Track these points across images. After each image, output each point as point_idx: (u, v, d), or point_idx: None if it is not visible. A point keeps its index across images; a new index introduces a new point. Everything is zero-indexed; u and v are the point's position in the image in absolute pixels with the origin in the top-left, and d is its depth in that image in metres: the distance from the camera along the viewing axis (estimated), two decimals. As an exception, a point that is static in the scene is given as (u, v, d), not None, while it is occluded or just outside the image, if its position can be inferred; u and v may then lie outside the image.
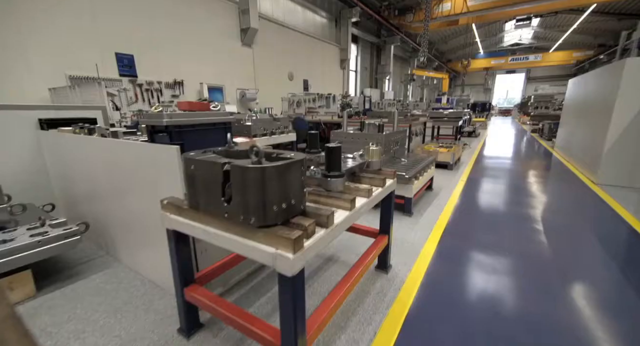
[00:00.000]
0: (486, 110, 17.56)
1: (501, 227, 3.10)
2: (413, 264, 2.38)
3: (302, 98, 8.10)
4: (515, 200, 3.98)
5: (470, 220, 3.31)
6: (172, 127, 1.68)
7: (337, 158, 1.56)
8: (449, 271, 2.28)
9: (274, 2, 8.91)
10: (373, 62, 17.08)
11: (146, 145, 1.69)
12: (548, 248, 2.62)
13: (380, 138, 3.56)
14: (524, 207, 3.69)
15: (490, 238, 2.84)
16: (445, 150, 5.97)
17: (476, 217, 3.39)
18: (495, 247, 2.64)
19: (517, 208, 3.66)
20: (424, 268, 2.31)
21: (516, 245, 2.69)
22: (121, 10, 5.28)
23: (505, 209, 3.63)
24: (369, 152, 2.04)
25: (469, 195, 4.18)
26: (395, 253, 2.53)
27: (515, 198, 4.06)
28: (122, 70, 5.39)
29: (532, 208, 3.63)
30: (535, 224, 3.15)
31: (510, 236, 2.88)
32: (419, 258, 2.46)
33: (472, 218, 3.37)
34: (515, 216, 3.39)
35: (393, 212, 2.17)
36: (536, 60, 25.72)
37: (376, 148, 2.05)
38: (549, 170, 5.82)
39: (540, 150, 8.25)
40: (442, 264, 2.38)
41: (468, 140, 10.13)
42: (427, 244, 2.72)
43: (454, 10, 12.88)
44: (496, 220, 3.30)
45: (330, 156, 1.54)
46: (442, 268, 2.32)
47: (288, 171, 1.10)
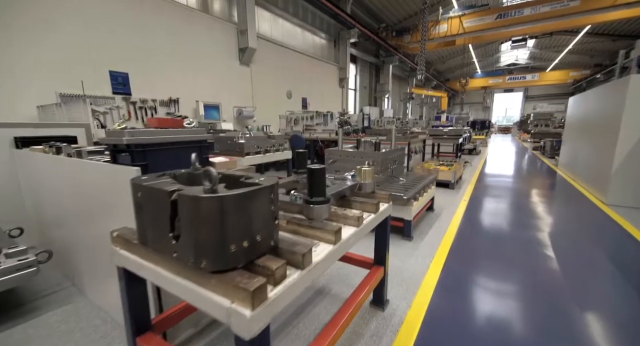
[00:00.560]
0: (486, 128, 17.54)
1: (509, 252, 2.84)
2: (413, 298, 2.11)
3: (299, 115, 8.04)
4: (523, 222, 3.72)
5: (475, 244, 3.05)
6: (134, 146, 1.50)
7: (321, 182, 1.36)
8: (454, 307, 2.01)
9: (273, 23, 9.07)
10: (372, 81, 17.30)
11: (106, 165, 1.50)
12: (562, 278, 2.35)
13: (377, 156, 3.37)
14: (533, 229, 3.44)
15: (498, 266, 2.58)
16: (446, 168, 5.78)
17: (481, 241, 3.13)
18: (505, 277, 2.38)
19: (525, 231, 3.40)
20: (426, 303, 2.04)
21: (527, 273, 2.42)
22: (116, 29, 5.29)
23: (512, 232, 3.37)
24: (361, 172, 1.85)
25: (473, 217, 3.93)
26: (394, 285, 2.27)
27: (522, 219, 3.80)
28: (115, 88, 5.33)
29: (540, 231, 3.37)
30: (545, 249, 2.89)
31: (520, 263, 2.61)
32: (419, 291, 2.20)
33: (477, 242, 3.11)
34: (523, 240, 3.13)
35: (389, 240, 1.93)
36: (533, 80, 26.09)
37: (368, 169, 1.85)
38: (555, 189, 5.58)
39: (543, 168, 8.04)
40: (446, 298, 2.11)
41: (469, 157, 9.97)
42: (429, 273, 2.45)
43: (450, 31, 13.14)
44: (503, 244, 3.04)
45: (313, 179, 1.34)
46: (446, 304, 2.05)
47: (252, 200, 0.89)
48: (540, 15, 11.33)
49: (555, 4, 10.93)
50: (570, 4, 10.67)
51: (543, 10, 11.22)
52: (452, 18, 13.04)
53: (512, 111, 34.47)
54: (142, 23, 5.71)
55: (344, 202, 1.74)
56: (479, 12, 12.62)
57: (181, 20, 6.41)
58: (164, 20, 6.09)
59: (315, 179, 1.34)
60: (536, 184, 5.95)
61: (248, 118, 8.05)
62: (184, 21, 6.46)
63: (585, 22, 12.55)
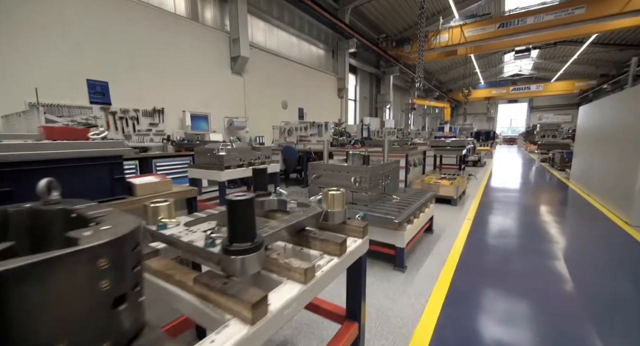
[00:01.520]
0: (490, 139, 17.06)
1: (523, 288, 2.34)
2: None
3: (293, 126, 7.69)
4: (536, 247, 3.22)
5: (481, 278, 2.56)
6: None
7: (248, 220, 0.92)
8: (453, 375, 1.53)
9: (267, 32, 8.87)
10: (372, 91, 17.05)
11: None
12: (592, 327, 1.85)
13: (365, 171, 2.94)
14: (549, 257, 2.93)
15: (511, 308, 2.08)
16: (447, 182, 5.31)
17: (488, 273, 2.63)
18: (520, 323, 1.88)
19: (540, 259, 2.90)
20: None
21: (546, 318, 1.92)
22: (97, 36, 5.03)
23: (525, 260, 2.87)
24: (327, 198, 1.41)
25: (478, 240, 3.44)
26: (377, 336, 1.79)
27: (536, 244, 3.30)
28: (93, 97, 5.02)
29: (557, 260, 2.87)
30: (566, 284, 2.39)
31: (537, 303, 2.12)
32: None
33: (483, 275, 2.62)
34: (539, 271, 2.63)
35: (364, 287, 1.47)
36: (538, 90, 25.71)
37: (337, 193, 1.41)
38: (569, 207, 5.07)
39: (553, 181, 7.52)
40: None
41: (473, 170, 9.48)
42: (424, 319, 1.97)
43: (451, 41, 12.89)
44: (515, 277, 2.54)
45: (234, 217, 0.90)
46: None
47: (61, 276, 0.46)
48: (544, 24, 11.03)
49: (560, 12, 10.63)
50: (575, 12, 10.36)
51: (547, 18, 10.92)
52: (453, 28, 12.81)
53: (517, 122, 33.95)
54: (126, 30, 5.46)
55: (301, 238, 1.30)
56: (481, 21, 12.38)
57: (169, 28, 6.18)
58: (151, 28, 5.85)
59: (237, 217, 0.90)
60: (548, 200, 5.44)
61: (240, 129, 7.72)
62: (172, 29, 6.22)
63: (591, 30, 12.22)
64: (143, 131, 5.76)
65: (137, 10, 5.61)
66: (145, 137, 5.79)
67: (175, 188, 1.68)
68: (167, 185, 1.59)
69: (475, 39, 12.56)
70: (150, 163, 5.28)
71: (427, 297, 2.23)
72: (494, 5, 13.94)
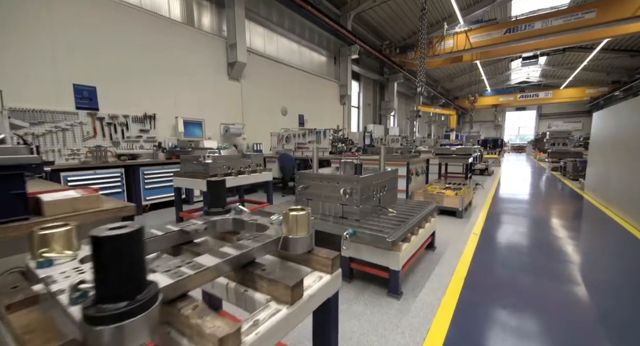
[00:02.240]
0: (498, 147, 16.58)
1: (537, 321, 1.97)
2: None
3: (291, 133, 7.43)
4: (553, 269, 2.83)
5: (489, 307, 2.19)
6: None
7: (126, 267, 0.61)
8: None
9: (267, 38, 8.72)
10: (376, 98, 16.80)
11: None
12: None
13: (356, 182, 2.62)
14: (568, 282, 2.54)
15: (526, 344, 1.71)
16: (452, 192, 4.94)
17: (498, 301, 2.26)
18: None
19: (558, 284, 2.51)
20: None
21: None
22: (86, 39, 4.88)
23: (540, 287, 2.49)
24: (288, 220, 1.09)
25: (485, 260, 3.06)
26: (360, 391, 1.44)
27: (552, 265, 2.91)
28: (79, 102, 4.84)
29: (577, 285, 2.48)
30: (590, 317, 2.00)
31: (557, 340, 1.74)
32: (399, 408, 1.36)
33: (491, 302, 2.25)
34: (557, 298, 2.25)
35: (336, 339, 1.14)
36: (547, 97, 25.16)
37: (301, 214, 1.09)
38: (587, 220, 4.64)
39: (566, 191, 7.06)
40: None
41: (480, 178, 9.05)
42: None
43: (456, 47, 12.62)
44: (531, 305, 2.17)
45: (104, 262, 0.59)
46: None
47: None
48: (552, 29, 10.69)
49: (569, 16, 10.30)
50: (585, 16, 10.02)
51: (556, 23, 10.59)
52: (457, 33, 12.56)
53: (525, 129, 33.28)
54: (117, 35, 5.32)
55: (246, 275, 0.98)
56: (487, 26, 12.11)
57: (163, 33, 6.03)
58: (143, 32, 5.71)
59: (108, 263, 0.59)
60: (562, 213, 5.01)
61: (236, 136, 7.49)
62: (166, 34, 6.08)
63: (602, 35, 11.82)
64: (133, 138, 5.55)
65: (129, 14, 5.48)
66: (134, 143, 5.58)
67: (107, 204, 1.38)
68: (93, 202, 1.29)
69: (481, 45, 12.27)
70: (137, 171, 5.05)
71: (424, 333, 1.87)
72: (500, 11, 13.69)
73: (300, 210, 1.13)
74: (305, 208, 1.15)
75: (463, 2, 12.63)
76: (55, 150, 4.61)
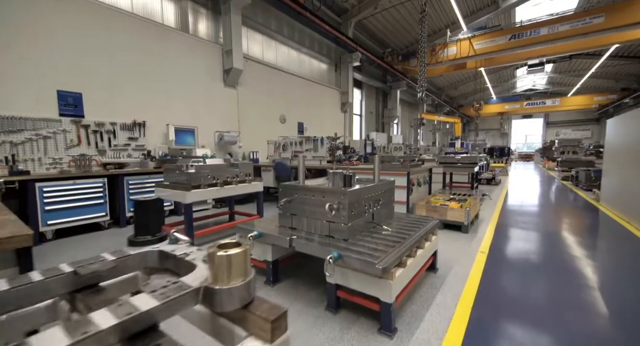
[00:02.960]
0: (505, 155, 16.11)
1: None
2: None
3: (288, 141, 7.17)
4: (575, 295, 2.44)
5: (504, 343, 1.82)
6: None
7: None
8: None
9: (265, 45, 8.58)
10: (379, 106, 16.57)
11: None
12: None
13: (344, 196, 2.29)
14: (593, 314, 2.15)
15: None
16: (457, 205, 4.57)
17: (513, 338, 1.88)
18: None
19: (582, 316, 2.12)
20: None
21: None
22: (72, 45, 4.72)
23: (560, 319, 2.11)
24: (213, 261, 0.77)
25: (496, 284, 2.68)
26: None
27: (574, 292, 2.52)
28: (63, 109, 4.64)
29: (602, 318, 2.08)
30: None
31: None
32: None
33: (505, 340, 1.87)
34: (581, 332, 1.87)
35: None
36: (554, 105, 24.67)
37: (235, 253, 0.78)
38: (605, 236, 4.22)
39: (580, 203, 6.61)
40: None
41: (487, 188, 8.63)
42: None
43: (460, 54, 12.38)
44: (550, 341, 1.79)
45: None
46: None
47: None
48: (559, 35, 10.40)
49: (576, 21, 10.01)
50: (593, 21, 9.71)
51: (562, 29, 10.30)
52: (461, 40, 12.34)
53: (532, 137, 32.66)
54: (107, 40, 5.17)
55: (145, 341, 0.66)
56: (491, 33, 11.87)
57: (156, 39, 5.88)
58: (135, 38, 5.56)
59: None
60: (578, 227, 4.59)
61: (231, 144, 7.25)
62: (158, 40, 5.93)
63: (611, 41, 11.46)
64: (120, 146, 5.33)
65: (119, 19, 5.34)
66: (122, 152, 5.35)
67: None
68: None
69: (485, 52, 12.02)
70: (122, 181, 4.79)
71: (420, 387, 1.51)
72: (504, 18, 13.47)
73: (235, 246, 0.81)
74: (243, 242, 0.83)
75: (466, 9, 12.45)
76: (36, 159, 4.38)
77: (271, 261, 2.60)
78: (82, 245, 3.95)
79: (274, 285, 2.64)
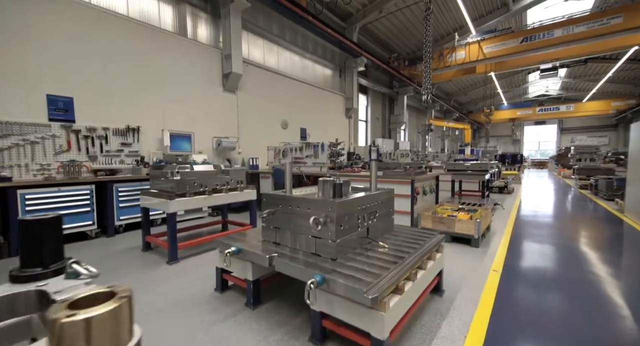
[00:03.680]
0: (517, 162, 15.49)
1: None
2: None
3: (288, 147, 6.91)
4: (605, 327, 2.04)
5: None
6: None
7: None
8: None
9: (266, 50, 8.42)
10: (385, 112, 16.24)
11: None
12: None
13: (331, 207, 1.98)
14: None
15: None
16: (466, 216, 4.19)
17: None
18: None
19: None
20: None
21: None
22: (63, 48, 4.61)
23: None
24: (57, 333, 0.48)
25: (513, 312, 2.30)
26: None
27: (604, 320, 2.12)
28: (53, 114, 4.50)
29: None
30: None
31: None
32: None
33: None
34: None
35: None
36: (568, 111, 23.86)
37: (102, 314, 0.48)
38: (630, 251, 3.76)
39: (601, 214, 6.10)
40: None
41: (499, 197, 8.16)
42: None
43: (469, 58, 12.02)
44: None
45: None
46: None
47: None
48: (574, 36, 9.95)
49: (592, 23, 9.56)
50: (611, 22, 9.26)
51: (577, 30, 9.86)
52: (470, 44, 12.00)
53: (546, 144, 31.65)
54: (101, 43, 5.06)
55: None
56: (501, 36, 11.50)
57: (152, 43, 5.77)
58: (130, 42, 5.45)
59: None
60: (602, 241, 4.14)
61: (229, 150, 7.04)
62: (155, 44, 5.81)
63: (630, 42, 10.91)
64: (113, 152, 5.16)
65: (114, 23, 5.23)
66: (114, 158, 5.18)
67: None
68: None
69: (495, 55, 11.63)
70: (111, 188, 4.59)
71: None
72: (515, 21, 13.08)
73: (105, 298, 0.52)
74: (120, 290, 0.54)
75: (475, 13, 12.14)
76: (22, 165, 4.22)
77: (252, 280, 2.30)
78: (68, 255, 3.72)
79: (254, 307, 2.33)
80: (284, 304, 2.39)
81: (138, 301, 2.52)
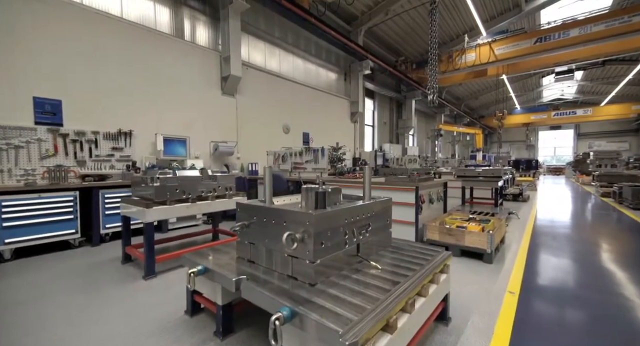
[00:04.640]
0: (532, 168, 14.79)
1: None
2: None
3: (288, 152, 6.62)
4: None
5: None
6: None
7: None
8: None
9: (268, 53, 8.24)
10: (393, 116, 15.85)
11: None
12: None
13: (309, 221, 1.64)
14: None
15: None
16: (477, 227, 3.76)
17: None
18: None
19: None
20: None
21: None
22: (52, 49, 4.47)
23: None
24: None
25: (534, 344, 1.89)
26: None
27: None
28: (39, 117, 4.34)
29: None
30: None
31: None
32: None
33: None
34: None
35: None
36: (585, 115, 22.88)
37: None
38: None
39: (627, 224, 5.54)
40: None
41: (514, 206, 7.63)
42: None
43: (479, 60, 11.59)
44: None
45: None
46: None
47: None
48: (592, 36, 9.44)
49: (612, 21, 9.04)
50: (633, 20, 8.72)
51: (596, 29, 9.34)
52: (480, 45, 11.58)
53: (562, 150, 30.51)
54: (92, 45, 4.93)
55: None
56: (514, 36, 11.05)
57: (147, 45, 5.63)
58: (124, 44, 5.31)
59: None
60: (632, 256, 3.64)
61: (227, 155, 6.80)
62: (151, 46, 5.67)
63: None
64: (103, 156, 4.96)
65: (107, 24, 5.10)
66: (104, 163, 4.98)
67: None
68: None
69: (508, 57, 11.17)
70: (97, 194, 4.37)
71: None
72: (527, 21, 12.60)
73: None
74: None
75: (486, 14, 11.75)
76: (5, 170, 4.05)
77: (221, 305, 1.96)
78: (44, 266, 3.49)
79: (224, 337, 1.98)
80: (260, 334, 2.04)
81: (102, 321, 2.21)
